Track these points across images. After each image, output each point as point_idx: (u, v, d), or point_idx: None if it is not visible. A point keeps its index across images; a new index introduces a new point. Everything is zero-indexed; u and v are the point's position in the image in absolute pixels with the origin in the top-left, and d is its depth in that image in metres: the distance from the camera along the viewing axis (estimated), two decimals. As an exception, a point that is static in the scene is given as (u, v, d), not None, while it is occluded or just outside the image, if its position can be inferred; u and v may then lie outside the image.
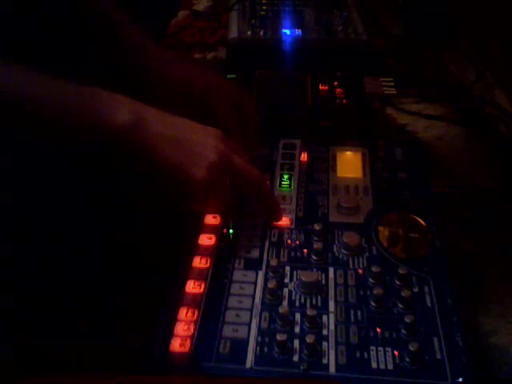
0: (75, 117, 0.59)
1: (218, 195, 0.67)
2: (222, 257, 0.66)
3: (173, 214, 0.70)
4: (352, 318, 0.60)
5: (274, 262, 0.64)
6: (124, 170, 0.64)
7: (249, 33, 1.07)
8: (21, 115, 0.57)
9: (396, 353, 0.56)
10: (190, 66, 0.80)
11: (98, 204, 0.71)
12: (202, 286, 0.63)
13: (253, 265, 0.65)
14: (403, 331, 0.58)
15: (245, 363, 0.56)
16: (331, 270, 0.65)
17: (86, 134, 0.59)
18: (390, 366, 0.56)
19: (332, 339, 0.58)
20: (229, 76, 0.99)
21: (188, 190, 0.63)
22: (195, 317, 0.59)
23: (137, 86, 0.72)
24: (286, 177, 0.78)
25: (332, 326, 0.59)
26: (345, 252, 0.67)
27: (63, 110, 0.59)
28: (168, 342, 0.57)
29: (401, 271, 0.63)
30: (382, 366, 0.56)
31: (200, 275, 0.64)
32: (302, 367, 0.55)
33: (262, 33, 1.07)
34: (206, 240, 0.68)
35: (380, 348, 0.57)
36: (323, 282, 0.63)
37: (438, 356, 0.56)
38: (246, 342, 0.57)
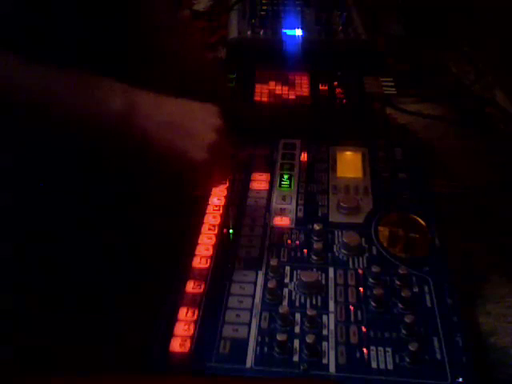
0: (66, 105, 0.58)
1: (221, 170, 0.67)
2: (222, 257, 0.66)
3: (173, 214, 0.70)
4: (352, 317, 0.60)
5: (274, 262, 0.64)
6: (124, 160, 0.63)
7: (249, 33, 1.07)
8: (12, 105, 0.57)
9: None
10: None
11: (98, 203, 0.71)
12: (202, 286, 0.63)
13: (253, 265, 0.65)
14: (403, 331, 0.58)
15: (245, 363, 0.56)
16: (331, 270, 0.65)
17: (79, 122, 0.59)
18: (390, 366, 0.56)
19: (332, 339, 0.58)
20: (229, 76, 0.99)
21: (191, 171, 0.63)
22: (195, 317, 0.60)
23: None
24: (286, 177, 0.78)
25: (332, 326, 0.59)
26: (345, 252, 0.67)
27: (53, 98, 0.58)
28: (168, 342, 0.57)
29: (401, 271, 0.63)
30: (382, 366, 0.56)
31: (200, 275, 0.64)
32: (302, 367, 0.55)
33: (262, 33, 1.07)
34: (206, 240, 0.68)
35: (380, 348, 0.57)
36: (323, 282, 0.63)
37: (438, 356, 0.56)
38: (246, 342, 0.57)
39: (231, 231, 0.70)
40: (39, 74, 0.58)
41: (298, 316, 0.60)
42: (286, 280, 0.64)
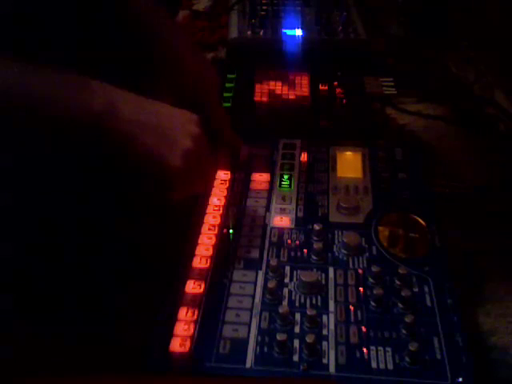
0: (48, 106, 0.58)
1: (198, 178, 0.67)
2: (222, 257, 0.66)
3: (172, 213, 0.70)
4: (352, 317, 0.60)
5: (273, 262, 0.64)
6: (106, 161, 0.63)
7: (249, 33, 1.07)
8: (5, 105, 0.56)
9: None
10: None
11: (98, 203, 0.71)
12: (202, 285, 0.63)
13: (253, 265, 0.65)
14: (403, 331, 0.58)
15: (245, 363, 0.56)
16: (331, 270, 0.65)
17: (60, 123, 0.58)
18: (390, 366, 0.56)
19: (332, 339, 0.58)
20: (229, 76, 0.99)
21: (164, 177, 0.63)
22: (195, 317, 0.60)
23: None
24: (286, 177, 0.78)
25: (332, 326, 0.59)
26: (345, 252, 0.67)
27: (35, 99, 0.57)
28: (168, 342, 0.57)
29: (401, 271, 0.63)
30: (382, 366, 0.56)
31: (200, 275, 0.64)
32: (302, 367, 0.55)
33: (262, 33, 1.07)
34: (206, 240, 0.68)
35: (380, 348, 0.57)
36: (323, 282, 0.63)
37: (438, 356, 0.56)
38: (246, 341, 0.57)
39: (231, 231, 0.70)
40: (29, 74, 0.57)
41: (297, 316, 0.60)
42: (286, 280, 0.64)
